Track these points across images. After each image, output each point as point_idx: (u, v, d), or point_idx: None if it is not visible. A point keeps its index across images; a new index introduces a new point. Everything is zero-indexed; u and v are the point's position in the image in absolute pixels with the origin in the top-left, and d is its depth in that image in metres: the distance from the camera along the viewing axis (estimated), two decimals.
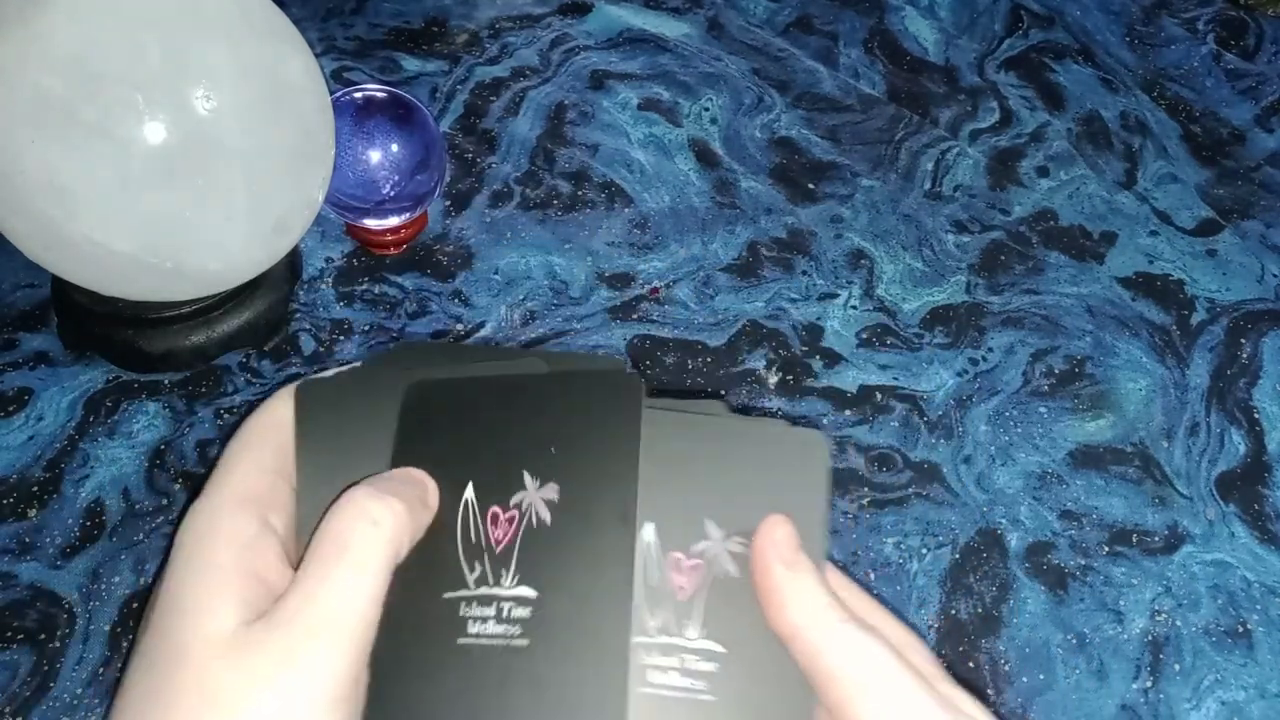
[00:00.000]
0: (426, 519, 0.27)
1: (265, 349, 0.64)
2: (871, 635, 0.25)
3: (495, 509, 0.27)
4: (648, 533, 0.27)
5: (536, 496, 0.26)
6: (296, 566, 0.26)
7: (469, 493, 0.27)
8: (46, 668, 0.52)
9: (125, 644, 0.53)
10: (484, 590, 0.26)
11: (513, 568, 0.26)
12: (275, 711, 0.23)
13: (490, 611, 0.26)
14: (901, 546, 0.60)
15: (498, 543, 0.26)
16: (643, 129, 0.80)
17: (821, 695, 0.25)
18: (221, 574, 0.25)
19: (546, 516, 0.26)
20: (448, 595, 0.26)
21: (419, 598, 0.26)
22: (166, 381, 0.62)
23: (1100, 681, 0.56)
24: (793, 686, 0.25)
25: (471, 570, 0.26)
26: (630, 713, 0.25)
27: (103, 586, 0.54)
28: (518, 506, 0.27)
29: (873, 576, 0.58)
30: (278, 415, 0.30)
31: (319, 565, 0.25)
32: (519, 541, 0.26)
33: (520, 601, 0.26)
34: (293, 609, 0.24)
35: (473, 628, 0.26)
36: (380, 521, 0.25)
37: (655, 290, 0.70)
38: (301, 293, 0.67)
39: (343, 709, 0.23)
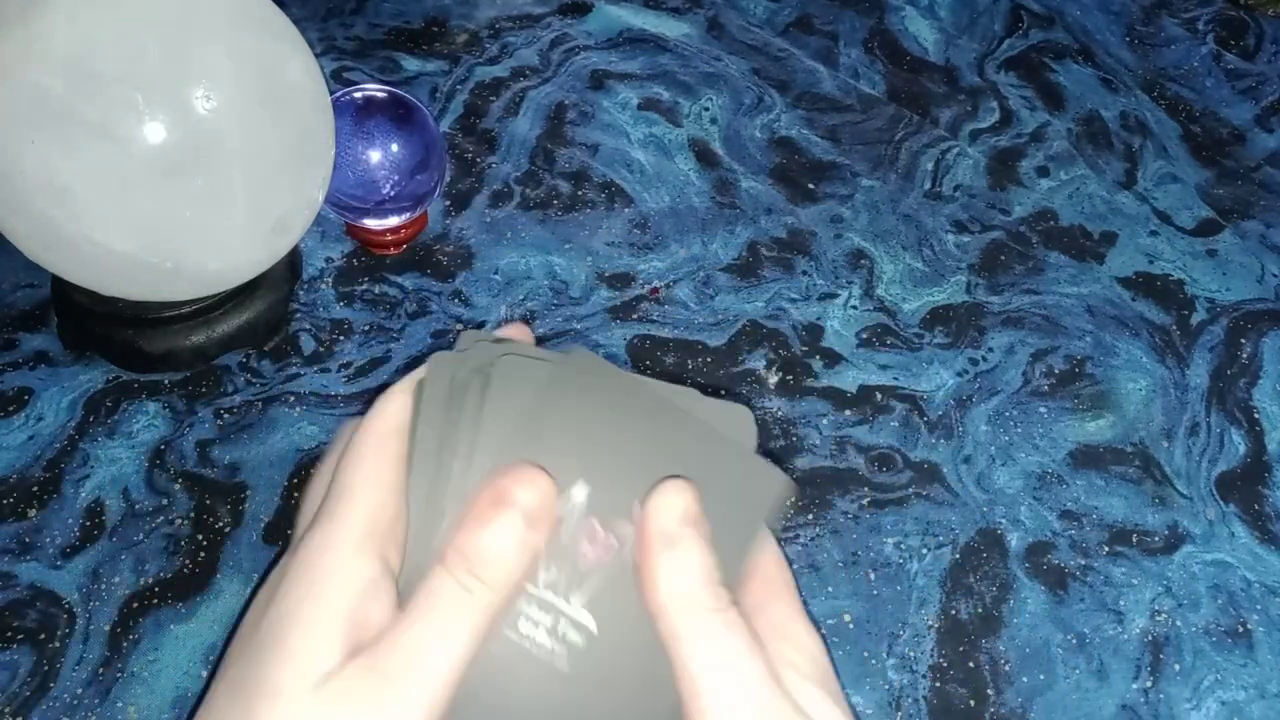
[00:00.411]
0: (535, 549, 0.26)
1: (265, 349, 0.64)
2: (732, 628, 0.24)
3: (596, 524, 0.26)
4: (579, 492, 0.26)
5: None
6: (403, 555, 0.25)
7: (579, 493, 0.26)
8: (46, 668, 0.52)
9: (125, 644, 0.53)
10: (549, 596, 0.25)
11: (586, 591, 0.25)
12: None
13: (547, 620, 0.25)
14: (901, 546, 0.60)
15: (583, 557, 0.26)
16: (643, 129, 0.80)
17: (675, 681, 0.24)
18: (332, 618, 0.24)
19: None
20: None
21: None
22: (166, 381, 0.62)
23: (1100, 681, 0.56)
24: (645, 696, 0.25)
25: (547, 569, 0.26)
26: (488, 647, 0.25)
27: (103, 586, 0.54)
28: (618, 534, 0.26)
29: (873, 576, 0.58)
30: (396, 419, 0.27)
31: (420, 620, 0.24)
32: (606, 571, 0.25)
33: (579, 628, 0.25)
34: (386, 656, 0.23)
35: (523, 626, 0.25)
36: (476, 589, 0.24)
37: (655, 290, 0.70)
38: (301, 293, 0.67)
39: None
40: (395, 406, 0.27)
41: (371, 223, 0.67)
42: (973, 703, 0.55)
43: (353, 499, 0.25)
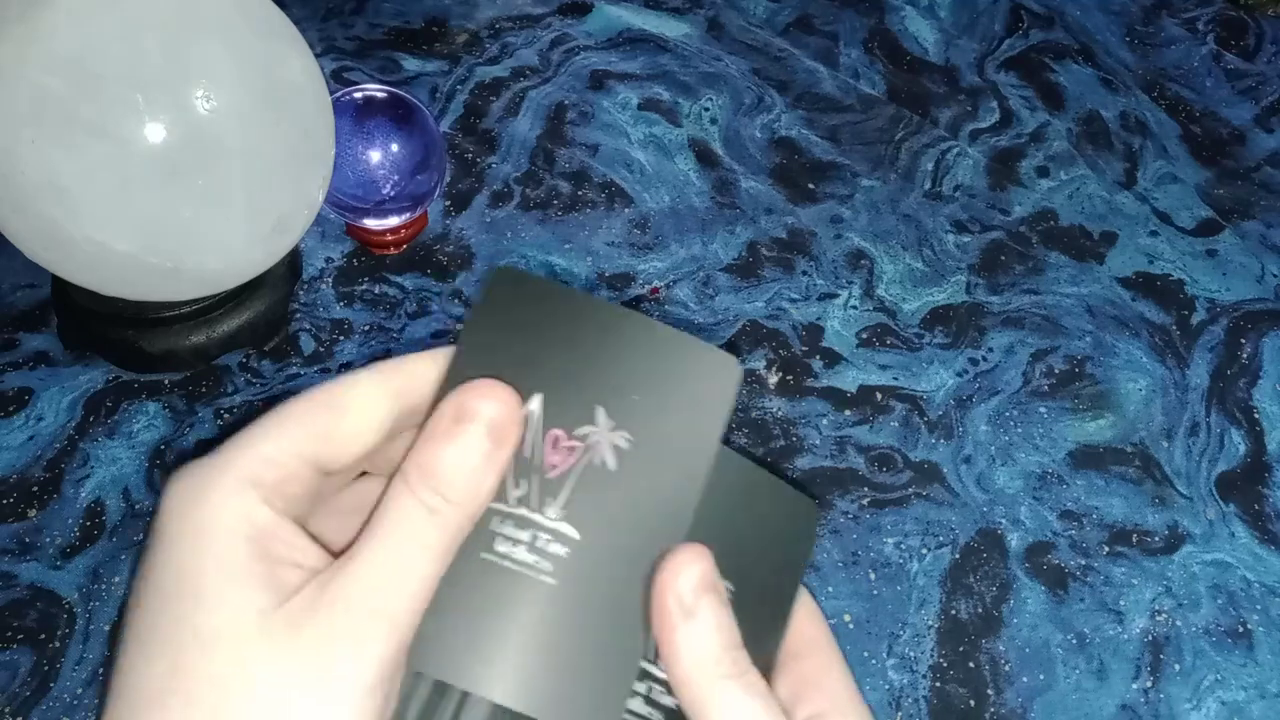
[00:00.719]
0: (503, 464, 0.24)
1: (265, 349, 0.64)
2: (751, 693, 0.24)
3: (558, 433, 0.25)
4: (534, 403, 0.25)
5: (607, 437, 0.25)
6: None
7: (535, 405, 0.25)
8: (46, 668, 0.52)
9: None
10: (523, 512, 0.25)
11: (561, 501, 0.25)
12: (319, 699, 0.21)
13: (525, 536, 0.25)
14: (901, 546, 0.60)
15: (552, 468, 0.25)
16: (643, 129, 0.80)
17: None
18: (237, 561, 0.22)
19: (612, 462, 0.25)
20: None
21: None
22: (166, 381, 0.62)
23: (1100, 681, 0.56)
24: (637, 591, 0.25)
25: (516, 486, 0.25)
26: (466, 575, 0.24)
27: (103, 586, 0.54)
28: (583, 439, 0.25)
29: (873, 576, 0.58)
30: (341, 395, 0.25)
31: (381, 541, 0.23)
32: (576, 477, 0.25)
33: (559, 538, 0.25)
34: (344, 583, 0.22)
35: (500, 546, 0.24)
36: (441, 508, 0.23)
37: (655, 290, 0.70)
38: (301, 293, 0.67)
39: (384, 690, 0.22)
40: (342, 389, 0.25)
41: (371, 223, 0.67)
42: (973, 703, 0.55)
43: (246, 444, 0.24)
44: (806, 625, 0.29)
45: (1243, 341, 0.71)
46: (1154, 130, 0.84)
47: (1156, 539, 0.61)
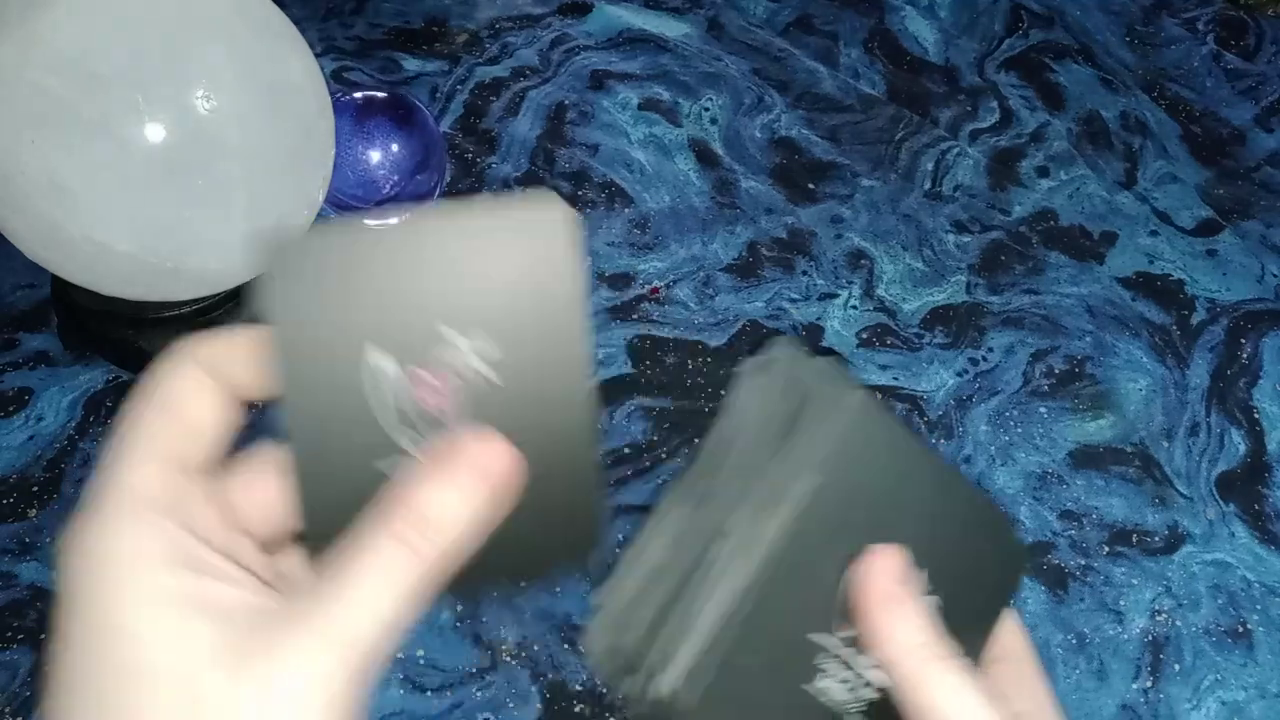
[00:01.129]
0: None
1: None
2: (971, 676, 0.25)
3: (417, 371, 0.24)
4: (373, 355, 0.24)
5: (472, 354, 0.24)
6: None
7: (370, 356, 0.24)
8: (47, 668, 0.52)
9: None
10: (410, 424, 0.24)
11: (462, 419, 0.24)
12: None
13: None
14: None
15: (437, 409, 0.24)
16: (643, 129, 0.80)
17: None
18: (167, 589, 0.21)
19: (494, 375, 0.24)
20: (380, 464, 0.24)
21: (348, 468, 0.24)
22: None
23: (1100, 681, 0.56)
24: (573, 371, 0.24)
25: (408, 440, 0.24)
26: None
27: None
28: (450, 367, 0.24)
29: None
30: (168, 392, 0.25)
31: (354, 575, 0.22)
32: (465, 406, 0.24)
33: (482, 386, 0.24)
34: (308, 612, 0.21)
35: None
36: (420, 550, 0.22)
37: (655, 290, 0.70)
38: None
39: (350, 713, 0.22)
40: (169, 381, 0.25)
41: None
42: None
43: (117, 475, 0.23)
44: (1008, 638, 0.30)
45: (1243, 341, 0.71)
46: (1154, 130, 0.84)
47: (1156, 539, 0.61)
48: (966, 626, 0.28)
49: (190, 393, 0.25)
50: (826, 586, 0.26)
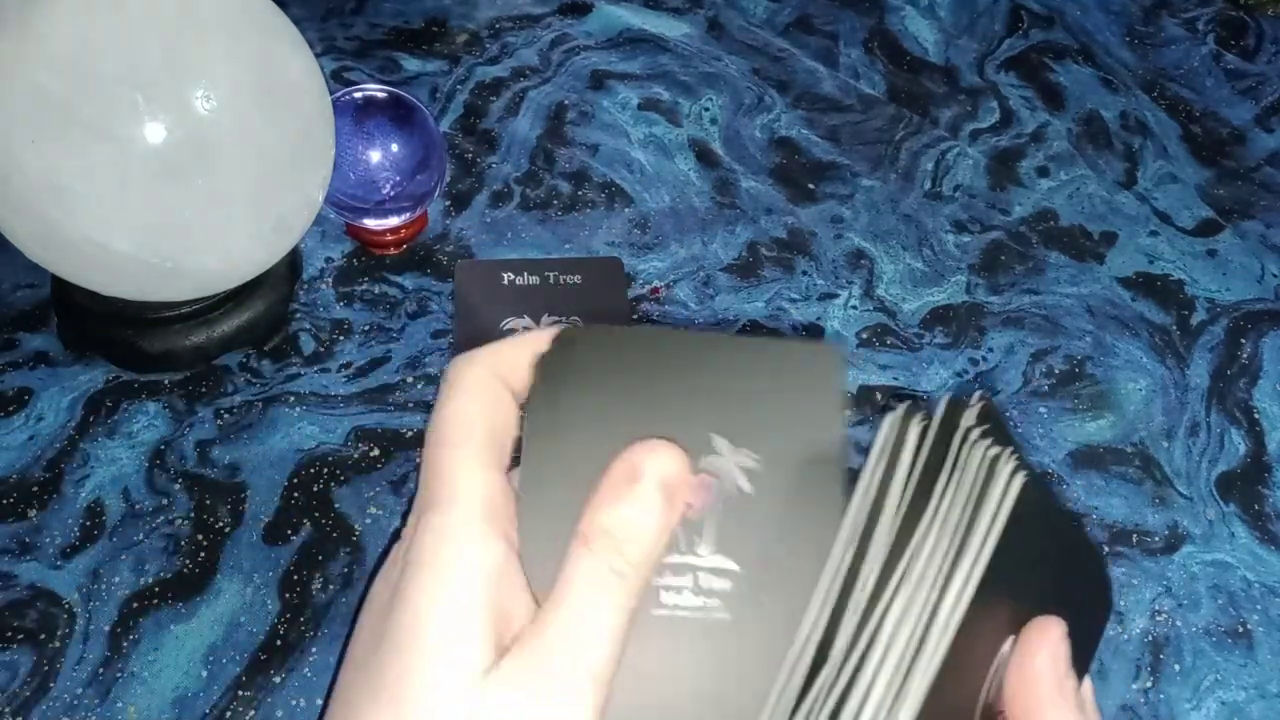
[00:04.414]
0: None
1: (265, 349, 0.64)
2: None
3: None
4: None
5: (733, 463, 0.25)
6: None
7: None
8: (46, 668, 0.52)
9: (125, 644, 0.53)
10: (677, 558, 0.25)
11: (709, 536, 0.25)
12: None
13: (685, 582, 0.25)
14: None
15: (688, 508, 0.25)
16: (643, 129, 0.80)
17: None
18: (473, 609, 0.23)
19: (747, 486, 0.25)
20: None
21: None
22: (166, 381, 0.62)
23: (1100, 681, 0.56)
24: (802, 607, 0.25)
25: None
26: (643, 635, 0.24)
27: (103, 586, 0.54)
28: (710, 471, 0.25)
29: None
30: (485, 398, 0.26)
31: (576, 609, 0.23)
32: (718, 510, 0.25)
33: (719, 573, 0.25)
34: (548, 651, 0.23)
35: (667, 598, 0.25)
36: (624, 570, 0.24)
37: (656, 290, 0.70)
38: (301, 293, 0.67)
39: None
40: (480, 387, 0.26)
41: (371, 223, 0.67)
42: None
43: (466, 480, 0.25)
44: (1084, 691, 0.29)
45: (1243, 341, 0.71)
46: (1154, 130, 0.84)
47: (1156, 539, 0.61)
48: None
49: (500, 401, 0.26)
50: (979, 672, 0.26)
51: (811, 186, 0.77)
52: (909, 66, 0.87)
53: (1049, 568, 0.27)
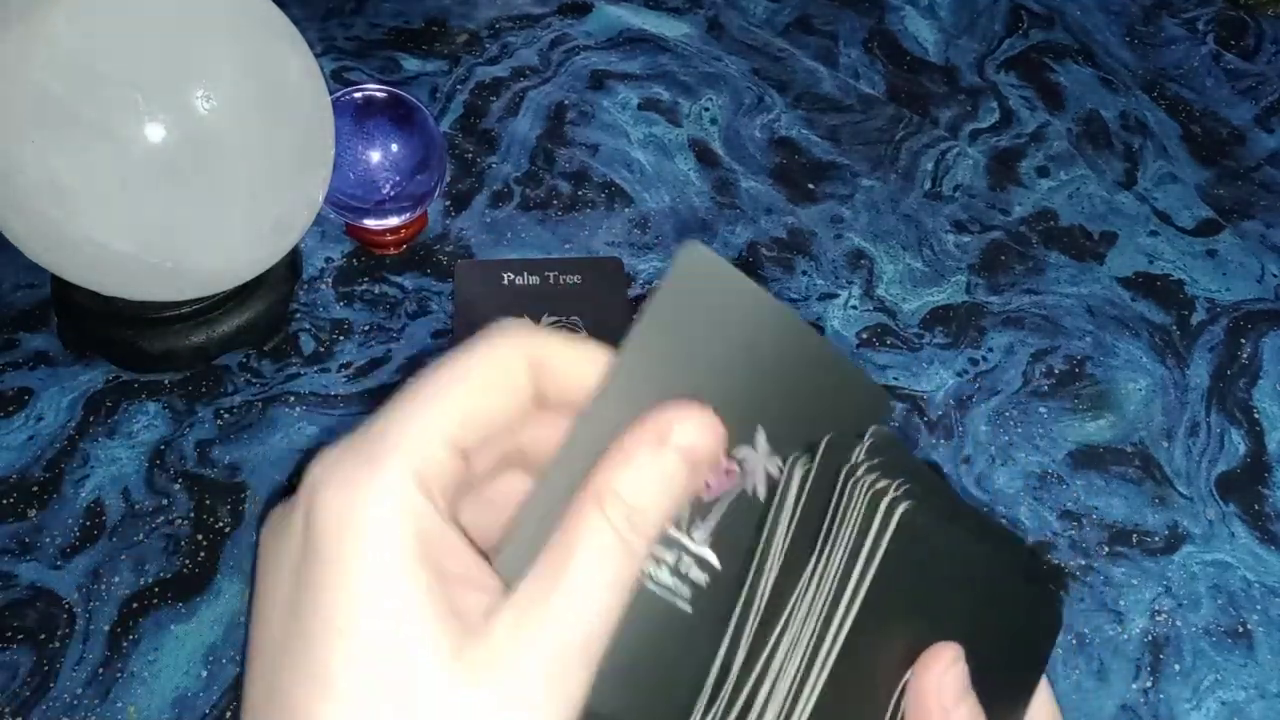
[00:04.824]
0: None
1: (265, 349, 0.64)
2: None
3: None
4: None
5: (761, 464, 0.24)
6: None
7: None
8: (46, 668, 0.52)
9: (125, 644, 0.53)
10: (672, 531, 0.23)
11: (709, 524, 0.24)
12: None
13: (669, 558, 0.23)
14: None
15: (705, 489, 0.23)
16: (643, 129, 0.80)
17: None
18: (416, 594, 0.20)
19: (762, 491, 0.24)
20: None
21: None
22: (166, 381, 0.62)
23: (1100, 681, 0.56)
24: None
25: None
26: None
27: (103, 586, 0.54)
28: (740, 463, 0.24)
29: None
30: (484, 371, 0.23)
31: (570, 576, 0.21)
32: (728, 503, 0.24)
33: (702, 565, 0.24)
34: (538, 630, 0.20)
35: (648, 566, 0.23)
36: (631, 537, 0.21)
37: None
38: (301, 293, 0.67)
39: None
40: (483, 353, 0.23)
41: (371, 223, 0.67)
42: None
43: (398, 434, 0.21)
44: (1041, 709, 0.29)
45: (1243, 341, 0.71)
46: (1154, 130, 0.84)
47: (1156, 539, 0.61)
48: (1000, 699, 0.27)
49: (506, 379, 0.23)
50: (878, 699, 0.25)
51: (811, 186, 0.77)
52: (909, 66, 0.87)
53: (957, 594, 0.26)
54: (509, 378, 0.23)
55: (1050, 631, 0.29)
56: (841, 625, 0.24)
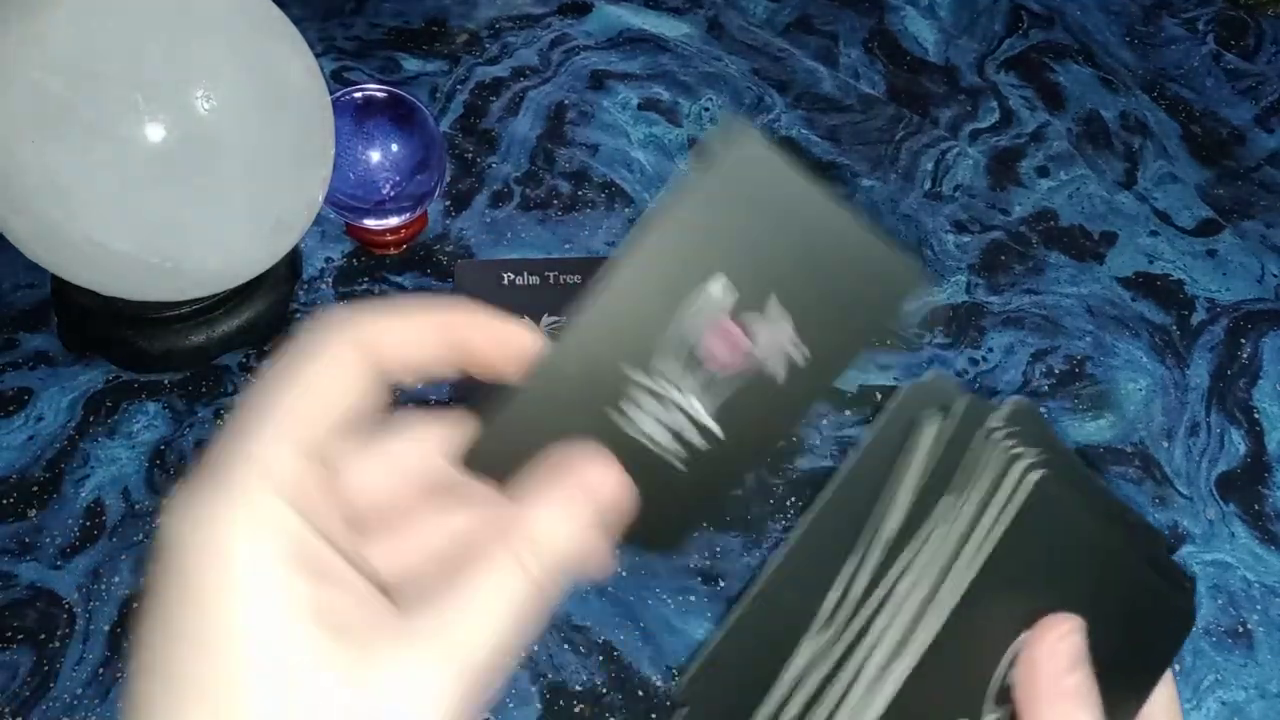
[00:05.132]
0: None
1: (265, 349, 0.64)
2: None
3: (729, 324, 0.23)
4: (715, 286, 0.24)
5: (782, 341, 0.24)
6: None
7: (715, 287, 0.23)
8: (46, 668, 0.52)
9: (125, 644, 0.53)
10: (675, 395, 0.24)
11: (715, 400, 0.24)
12: None
13: (668, 419, 0.23)
14: None
15: (713, 361, 0.24)
16: (643, 129, 0.80)
17: None
18: (282, 593, 0.20)
19: (781, 374, 0.24)
20: (627, 370, 0.23)
21: (595, 356, 0.23)
22: (166, 381, 0.62)
23: None
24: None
25: (663, 359, 0.23)
26: (593, 434, 0.23)
27: (103, 586, 0.54)
28: (751, 332, 0.24)
29: None
30: (315, 367, 0.23)
31: (466, 598, 0.21)
32: (739, 383, 0.24)
33: (703, 431, 0.24)
34: (423, 641, 0.21)
35: (638, 416, 0.23)
36: (535, 571, 0.22)
37: None
38: (301, 293, 0.67)
39: None
40: (331, 338, 0.24)
41: (371, 223, 0.67)
42: None
43: (245, 453, 0.22)
44: (1162, 702, 0.29)
45: (1243, 341, 0.71)
46: (1154, 130, 0.84)
47: None
48: (1124, 690, 0.27)
49: (338, 371, 0.23)
50: (986, 658, 0.25)
51: None
52: (909, 66, 0.87)
53: (1083, 573, 0.26)
54: (339, 370, 0.23)
55: (1181, 626, 0.29)
56: (961, 579, 0.24)
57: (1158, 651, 0.29)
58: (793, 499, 0.61)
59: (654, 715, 0.52)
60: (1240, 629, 0.58)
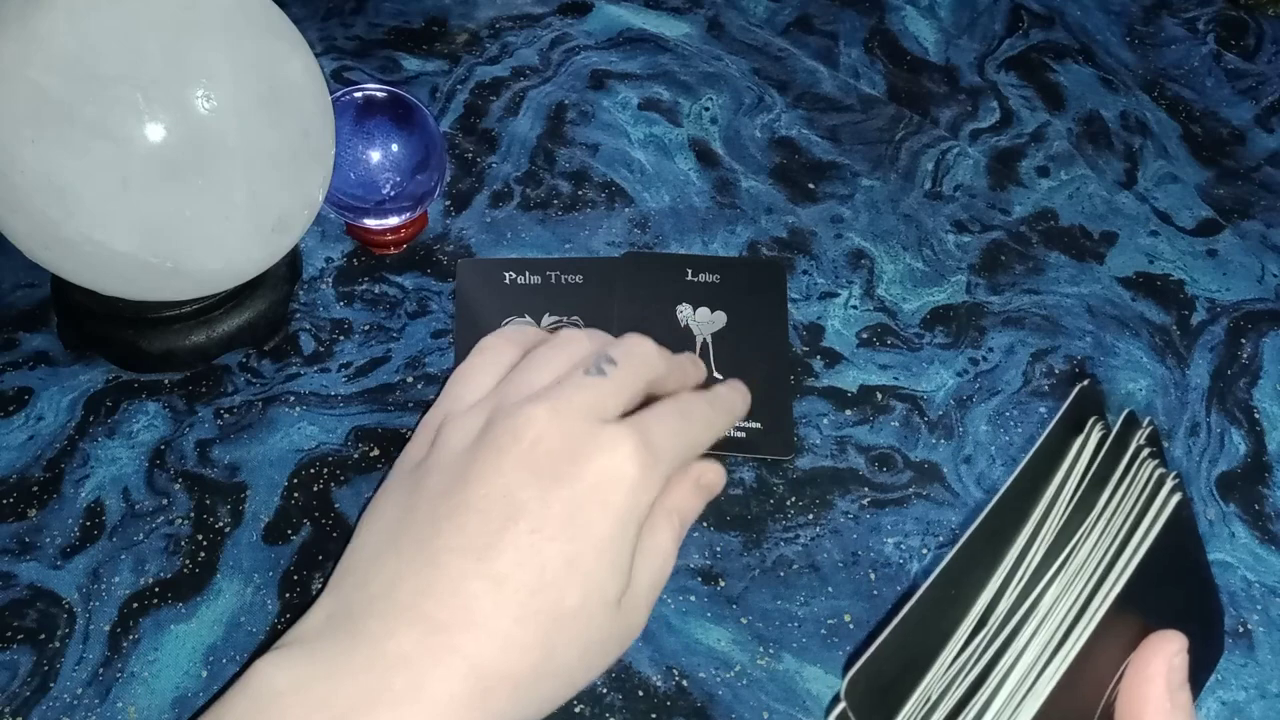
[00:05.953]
0: None
1: (265, 349, 0.64)
2: None
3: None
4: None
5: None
6: None
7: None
8: (46, 668, 0.52)
9: (125, 644, 0.53)
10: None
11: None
12: None
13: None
14: (901, 546, 0.60)
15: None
16: (643, 129, 0.80)
17: None
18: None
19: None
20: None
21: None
22: (166, 381, 0.62)
23: None
24: None
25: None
26: None
27: (103, 586, 0.54)
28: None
29: (873, 576, 0.58)
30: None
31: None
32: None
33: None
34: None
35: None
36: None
37: None
38: (301, 293, 0.67)
39: None
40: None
41: (371, 223, 0.67)
42: None
43: None
44: None
45: (1243, 341, 0.71)
46: (1154, 130, 0.84)
47: None
48: None
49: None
50: (1105, 671, 0.26)
51: (812, 186, 0.77)
52: (909, 66, 0.87)
53: (1182, 590, 0.27)
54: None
55: (1218, 651, 0.30)
56: (1107, 594, 0.24)
57: (1203, 666, 0.30)
58: (793, 499, 0.61)
59: (654, 715, 0.52)
60: (1240, 629, 0.58)
